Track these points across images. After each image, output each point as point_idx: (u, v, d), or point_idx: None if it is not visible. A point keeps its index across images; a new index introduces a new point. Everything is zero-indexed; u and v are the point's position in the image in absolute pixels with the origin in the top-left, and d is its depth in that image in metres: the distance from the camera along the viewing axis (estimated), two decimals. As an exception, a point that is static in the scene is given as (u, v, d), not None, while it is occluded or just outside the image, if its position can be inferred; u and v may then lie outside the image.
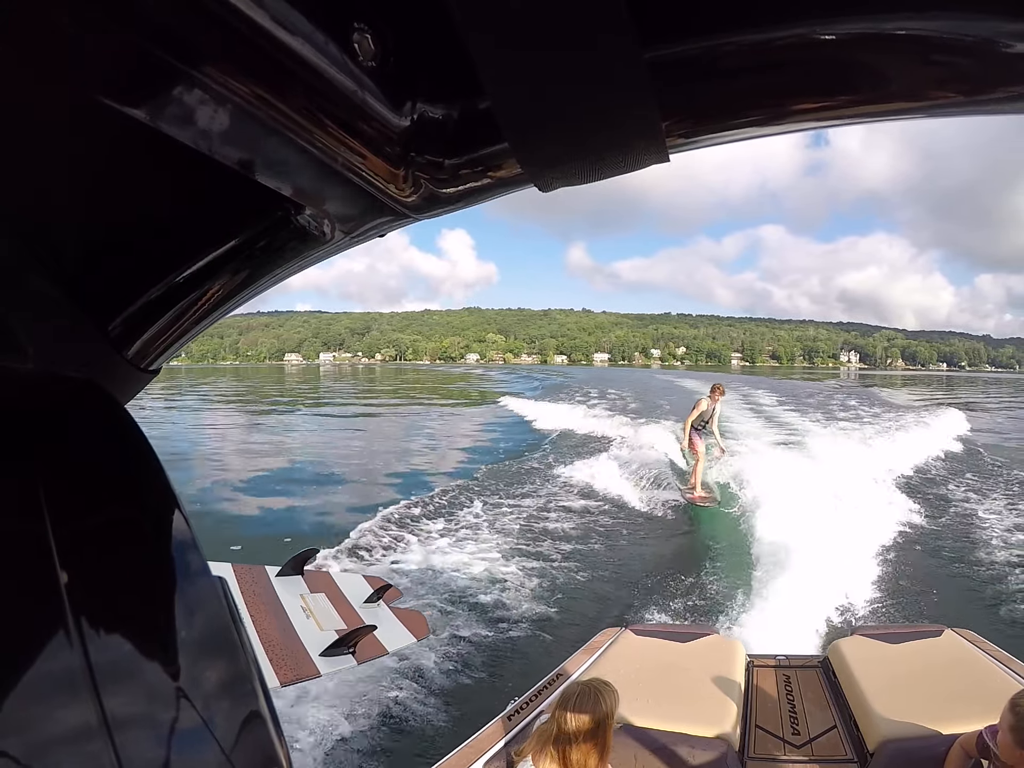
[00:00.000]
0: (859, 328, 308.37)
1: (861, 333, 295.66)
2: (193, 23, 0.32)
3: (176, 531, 0.42)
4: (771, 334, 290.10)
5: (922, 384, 72.00)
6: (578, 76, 0.37)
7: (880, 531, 7.82)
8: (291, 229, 0.53)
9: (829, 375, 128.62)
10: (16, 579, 0.35)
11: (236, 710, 0.39)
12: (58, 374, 0.50)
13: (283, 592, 3.84)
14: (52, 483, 0.38)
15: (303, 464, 15.53)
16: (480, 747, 2.60)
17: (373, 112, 0.42)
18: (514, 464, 13.55)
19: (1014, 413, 31.59)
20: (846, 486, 9.10)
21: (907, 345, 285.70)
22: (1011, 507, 9.90)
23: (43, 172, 0.44)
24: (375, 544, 8.02)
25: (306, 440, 20.02)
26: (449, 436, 20.75)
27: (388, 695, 4.78)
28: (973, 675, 2.88)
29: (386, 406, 33.65)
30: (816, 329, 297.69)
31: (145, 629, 0.37)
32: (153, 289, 0.55)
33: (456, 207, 0.51)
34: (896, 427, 17.57)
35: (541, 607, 6.37)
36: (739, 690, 3.00)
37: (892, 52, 0.37)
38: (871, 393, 38.86)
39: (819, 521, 7.28)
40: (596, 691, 2.02)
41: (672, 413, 13.31)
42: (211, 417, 27.05)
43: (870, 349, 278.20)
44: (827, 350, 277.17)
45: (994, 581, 6.98)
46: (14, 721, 0.31)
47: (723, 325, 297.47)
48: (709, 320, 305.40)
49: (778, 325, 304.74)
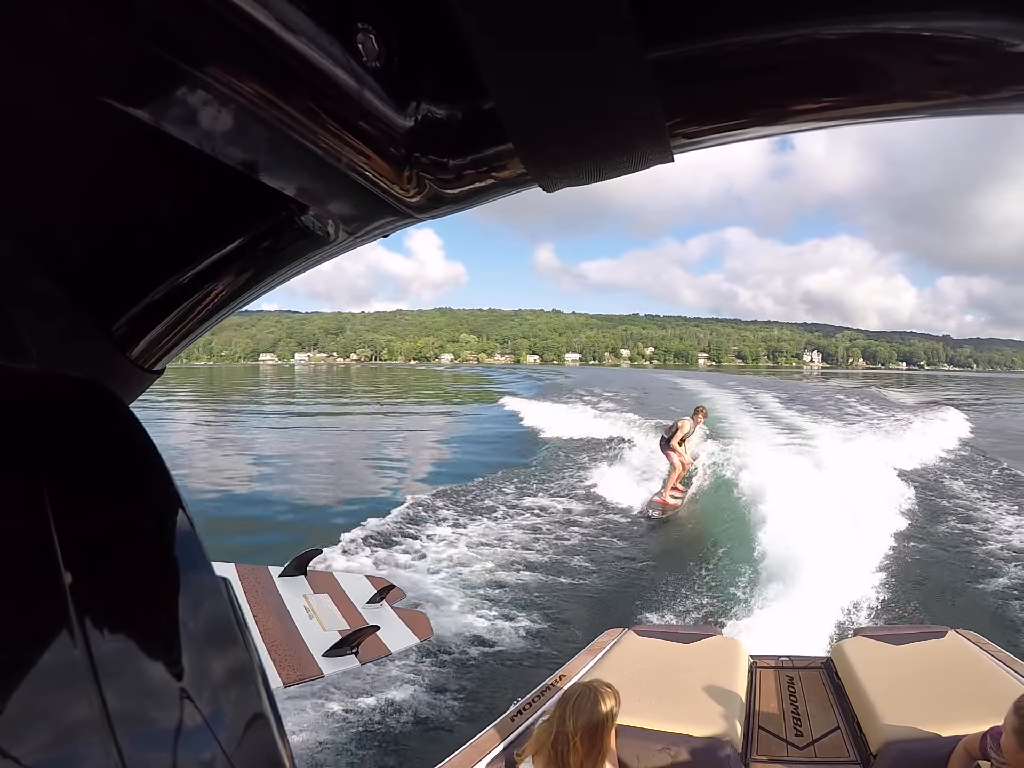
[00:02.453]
0: (822, 329, 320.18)
1: (824, 334, 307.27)
2: (196, 23, 0.32)
3: (180, 531, 0.42)
4: (737, 335, 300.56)
5: (883, 379, 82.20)
6: (581, 76, 0.37)
7: (883, 531, 7.79)
8: (295, 229, 0.53)
9: (793, 374, 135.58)
10: (20, 579, 0.35)
11: (239, 710, 0.39)
12: (61, 374, 0.50)
13: (286, 592, 3.85)
14: (56, 483, 0.38)
15: (303, 463, 15.56)
16: (482, 748, 2.60)
17: (377, 112, 0.42)
18: (515, 464, 13.56)
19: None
20: (849, 486, 9.08)
21: (868, 345, 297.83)
22: (1014, 507, 9.87)
23: (46, 172, 0.44)
24: (377, 544, 8.03)
25: (304, 439, 20.06)
26: (447, 436, 20.76)
27: (390, 695, 4.78)
28: (977, 677, 2.87)
29: (386, 405, 33.70)
30: (780, 330, 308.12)
31: (149, 629, 0.37)
32: (156, 289, 0.55)
33: (460, 207, 0.51)
34: (898, 427, 17.56)
35: (544, 608, 6.36)
36: (742, 691, 2.99)
37: (896, 52, 0.37)
38: (871, 393, 38.92)
39: (822, 521, 7.26)
40: (596, 693, 2.02)
41: (674, 414, 13.25)
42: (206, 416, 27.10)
43: (832, 349, 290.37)
44: (790, 350, 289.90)
45: (998, 582, 6.96)
46: (19, 719, 0.31)
47: (690, 326, 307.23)
48: (676, 321, 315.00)
49: (744, 326, 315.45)
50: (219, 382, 68.82)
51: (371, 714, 4.56)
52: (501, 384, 55.45)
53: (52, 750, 0.31)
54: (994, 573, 7.22)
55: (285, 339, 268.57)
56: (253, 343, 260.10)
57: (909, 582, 6.66)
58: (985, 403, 38.19)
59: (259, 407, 33.40)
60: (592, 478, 11.71)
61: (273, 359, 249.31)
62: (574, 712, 1.98)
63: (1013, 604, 6.37)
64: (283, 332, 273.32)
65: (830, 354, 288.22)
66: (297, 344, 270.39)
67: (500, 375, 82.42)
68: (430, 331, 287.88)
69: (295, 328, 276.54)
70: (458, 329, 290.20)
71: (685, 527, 9.20)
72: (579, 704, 1.99)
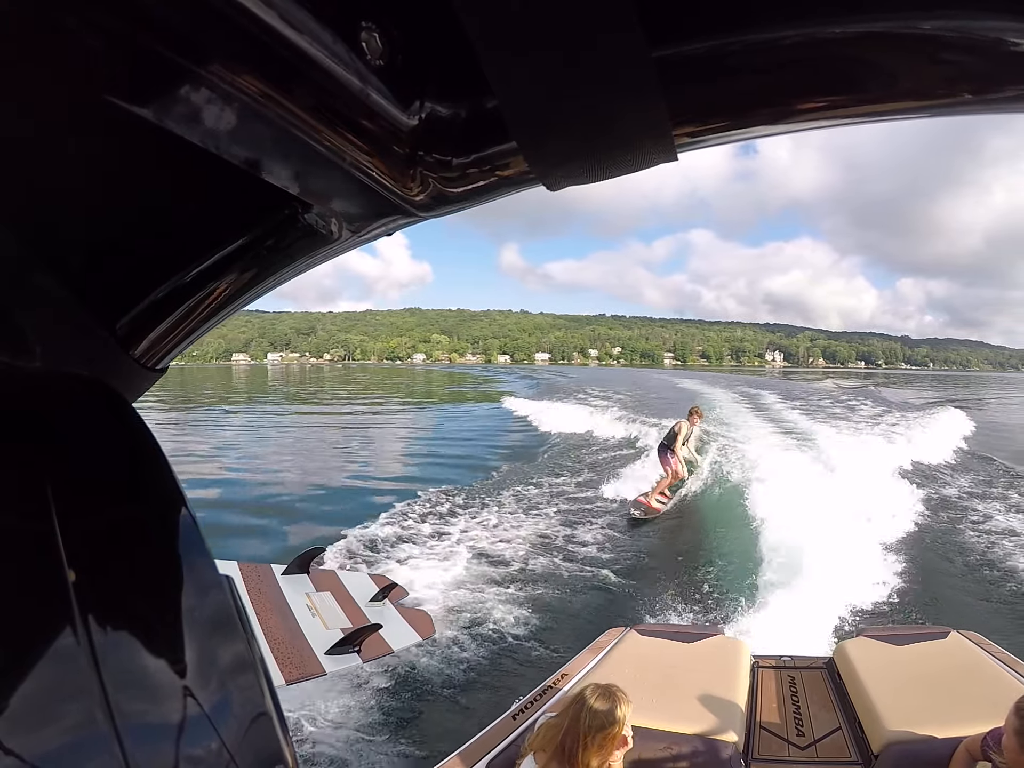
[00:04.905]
0: (784, 329, 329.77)
1: (786, 334, 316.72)
2: (200, 22, 0.32)
3: (183, 530, 0.42)
4: (701, 335, 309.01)
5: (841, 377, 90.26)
6: (586, 75, 0.36)
7: (886, 532, 7.77)
8: (298, 228, 0.53)
9: (755, 372, 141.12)
10: (24, 578, 0.35)
11: (242, 708, 0.39)
12: (65, 373, 0.50)
13: (289, 591, 3.86)
14: (59, 482, 0.38)
15: (305, 464, 15.58)
16: (485, 745, 2.61)
17: (381, 111, 0.42)
18: (514, 465, 13.57)
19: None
20: (852, 485, 9.07)
21: (828, 345, 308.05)
22: (1015, 507, 9.84)
23: (50, 171, 0.44)
24: (380, 543, 8.04)
25: (305, 438, 20.10)
26: (447, 437, 20.77)
27: (393, 693, 4.79)
28: (978, 678, 2.86)
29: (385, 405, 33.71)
30: (744, 330, 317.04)
31: (152, 627, 0.37)
32: (160, 288, 0.56)
33: (464, 206, 0.51)
34: (900, 427, 17.55)
35: (545, 607, 6.36)
36: (744, 691, 2.99)
37: (900, 51, 0.37)
38: (871, 393, 38.93)
39: (825, 522, 7.24)
40: (614, 696, 2.06)
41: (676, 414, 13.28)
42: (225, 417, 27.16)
43: (794, 349, 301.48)
44: (753, 350, 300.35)
45: (1000, 583, 6.94)
46: (23, 717, 0.31)
47: (655, 326, 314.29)
48: (642, 321, 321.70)
49: (708, 326, 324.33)
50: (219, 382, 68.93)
51: (371, 713, 4.56)
52: (498, 384, 55.51)
53: (56, 747, 0.31)
54: (997, 574, 7.20)
55: (257, 339, 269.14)
56: (225, 343, 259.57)
57: (911, 582, 6.64)
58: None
59: (253, 407, 33.44)
60: (594, 477, 11.73)
61: (246, 359, 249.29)
62: (591, 712, 2.02)
63: (1015, 605, 6.35)
64: (255, 332, 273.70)
65: (791, 354, 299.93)
66: (269, 344, 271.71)
67: (489, 373, 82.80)
68: (401, 331, 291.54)
69: (266, 328, 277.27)
70: (429, 329, 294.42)
71: (687, 527, 9.18)
72: (597, 705, 2.03)
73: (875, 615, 5.93)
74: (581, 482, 11.57)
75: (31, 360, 0.48)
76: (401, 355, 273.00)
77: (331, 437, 20.45)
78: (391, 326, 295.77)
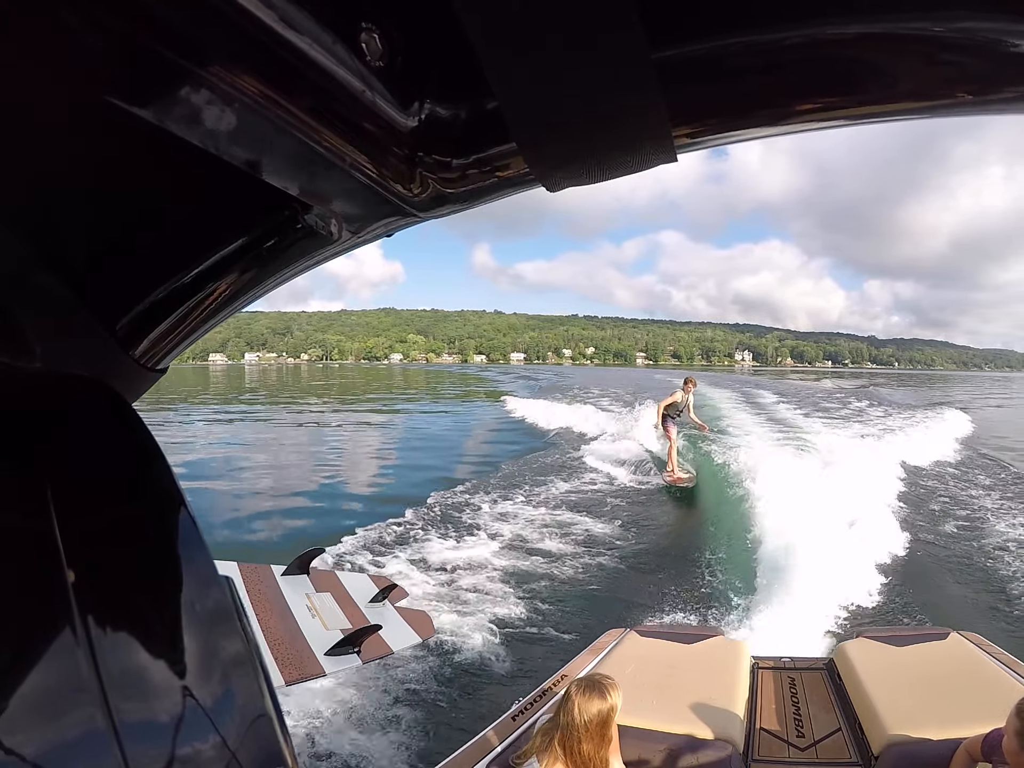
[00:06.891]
0: (754, 329, 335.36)
1: (755, 334, 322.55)
2: (200, 22, 0.32)
3: (182, 530, 0.42)
4: (672, 335, 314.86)
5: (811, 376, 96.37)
6: (586, 76, 0.36)
7: (886, 533, 7.76)
8: (298, 228, 0.53)
9: (725, 371, 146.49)
10: (23, 577, 0.35)
11: (241, 708, 0.39)
12: (65, 373, 0.50)
13: (289, 591, 3.85)
14: (59, 482, 0.38)
15: (305, 464, 15.57)
16: (482, 748, 2.60)
17: (381, 112, 0.42)
18: (514, 465, 13.56)
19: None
20: (851, 486, 9.05)
21: (796, 345, 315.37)
22: (1016, 509, 9.83)
23: (51, 171, 0.44)
24: (380, 544, 8.04)
25: (306, 437, 20.08)
26: (447, 436, 20.77)
27: (392, 694, 4.79)
28: (979, 679, 2.86)
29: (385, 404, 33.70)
30: (714, 331, 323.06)
31: (151, 627, 0.37)
32: (160, 288, 0.56)
33: (464, 207, 0.51)
34: (901, 428, 17.54)
35: (545, 607, 6.36)
36: (743, 692, 2.99)
37: (899, 52, 0.37)
38: (872, 393, 38.96)
39: (825, 523, 7.24)
40: (600, 685, 2.07)
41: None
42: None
43: (762, 349, 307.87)
44: (723, 350, 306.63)
45: (1000, 584, 6.93)
46: (22, 716, 0.31)
47: (628, 327, 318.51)
48: (615, 322, 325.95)
49: (679, 327, 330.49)
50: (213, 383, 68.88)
51: (372, 713, 4.56)
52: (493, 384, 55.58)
53: (55, 747, 0.31)
54: (997, 575, 7.19)
55: (234, 339, 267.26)
56: (203, 343, 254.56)
57: (911, 583, 6.64)
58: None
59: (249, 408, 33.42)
60: (591, 475, 11.80)
61: (223, 359, 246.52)
62: (584, 704, 2.03)
63: (1016, 605, 6.34)
64: (231, 332, 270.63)
65: (760, 353, 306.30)
66: (246, 344, 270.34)
67: (474, 372, 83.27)
68: (377, 331, 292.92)
69: (242, 328, 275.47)
70: (404, 329, 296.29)
71: (688, 526, 9.18)
72: (588, 696, 2.04)
73: (875, 616, 5.92)
74: (582, 480, 11.57)
75: (31, 360, 0.48)
76: (379, 355, 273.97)
77: (334, 438, 20.44)
78: (367, 326, 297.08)
